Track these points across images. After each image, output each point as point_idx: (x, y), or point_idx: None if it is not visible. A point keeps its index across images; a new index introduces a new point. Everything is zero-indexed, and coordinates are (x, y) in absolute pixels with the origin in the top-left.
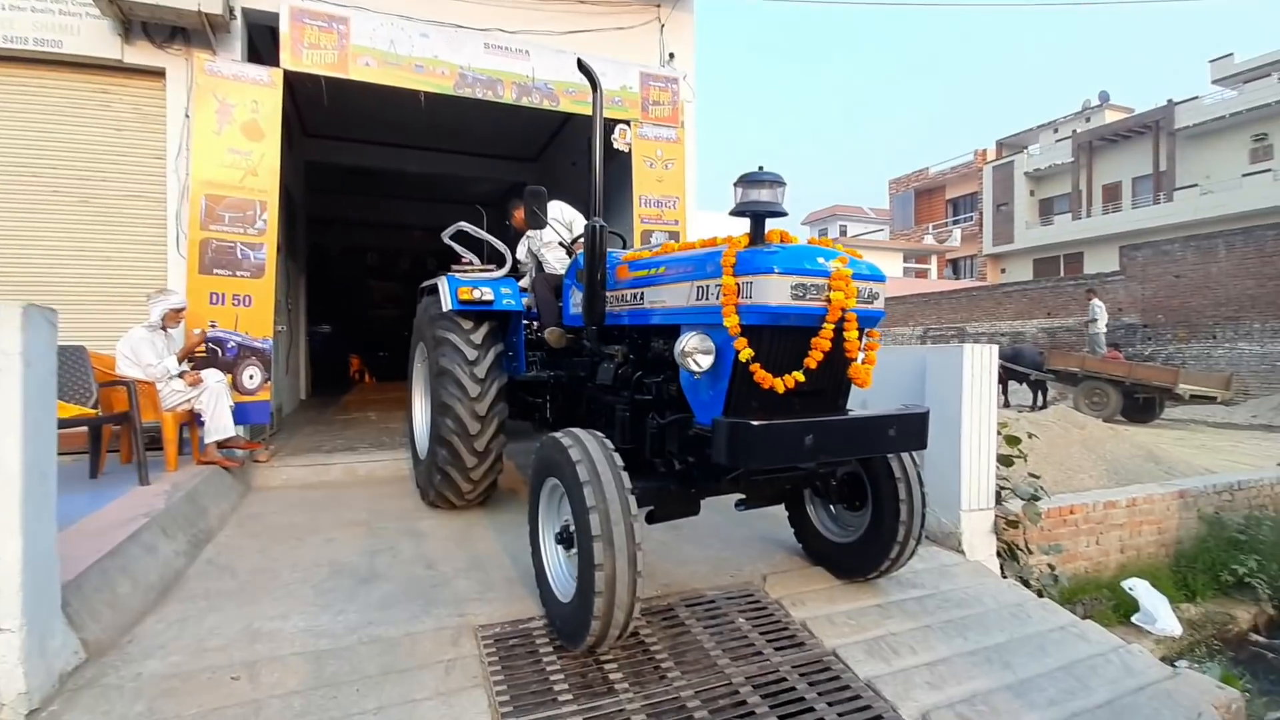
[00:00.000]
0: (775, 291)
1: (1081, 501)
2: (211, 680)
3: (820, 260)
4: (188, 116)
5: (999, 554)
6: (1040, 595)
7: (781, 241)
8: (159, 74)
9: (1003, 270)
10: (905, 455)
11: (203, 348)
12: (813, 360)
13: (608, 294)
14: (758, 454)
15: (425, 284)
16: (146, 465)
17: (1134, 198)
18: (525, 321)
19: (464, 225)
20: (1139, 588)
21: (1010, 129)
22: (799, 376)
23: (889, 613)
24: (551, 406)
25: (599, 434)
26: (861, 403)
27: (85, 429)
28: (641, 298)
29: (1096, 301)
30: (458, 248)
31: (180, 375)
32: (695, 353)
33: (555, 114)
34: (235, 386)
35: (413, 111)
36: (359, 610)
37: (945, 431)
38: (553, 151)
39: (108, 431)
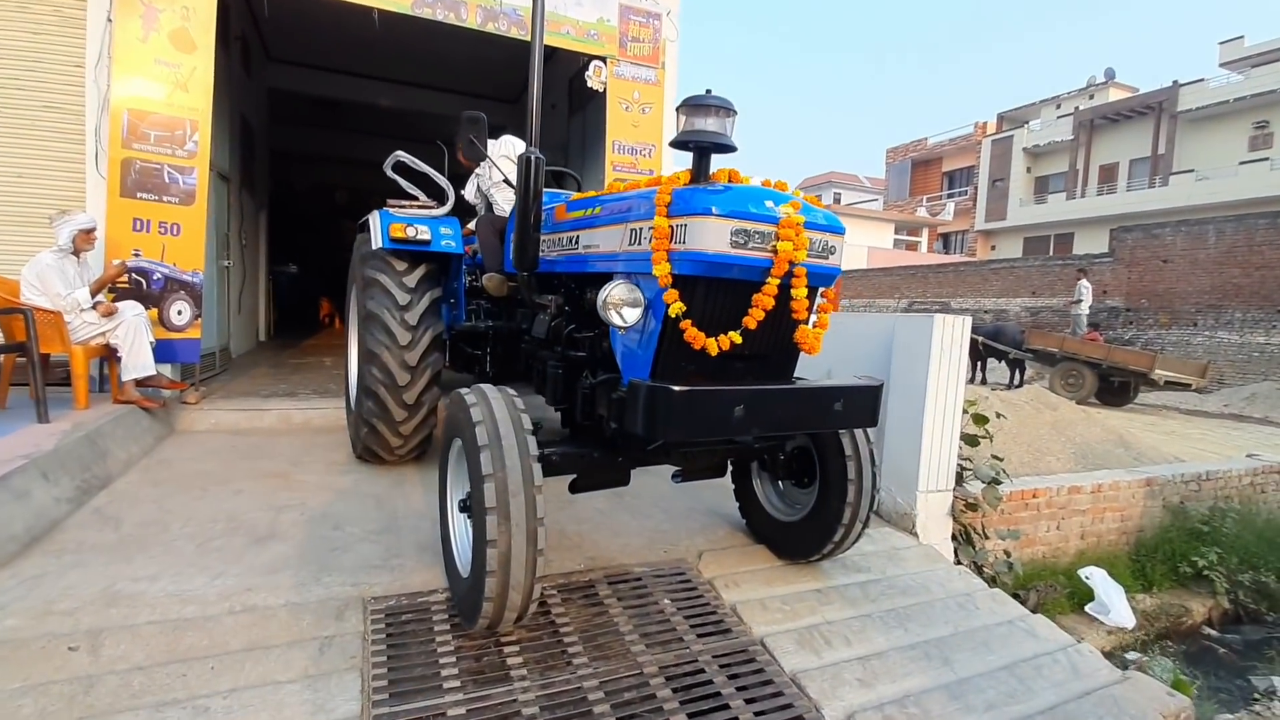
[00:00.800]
0: (713, 237)
1: (1045, 485)
2: (45, 650)
3: (768, 204)
4: (110, 21)
5: (954, 537)
6: (992, 584)
7: (730, 182)
8: None
9: (993, 247)
10: (858, 432)
11: (125, 279)
12: (753, 320)
13: (545, 237)
14: (677, 424)
15: (363, 220)
16: (45, 401)
17: (1129, 180)
18: (468, 267)
19: (402, 155)
20: (1095, 577)
21: (1015, 102)
22: (735, 338)
23: (828, 599)
24: (491, 359)
25: (509, 391)
26: (826, 373)
27: None
28: (577, 242)
29: (1084, 282)
30: (402, 182)
31: (94, 307)
32: (620, 304)
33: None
34: (161, 321)
35: (379, 37)
36: (241, 574)
37: (908, 407)
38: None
39: (9, 362)
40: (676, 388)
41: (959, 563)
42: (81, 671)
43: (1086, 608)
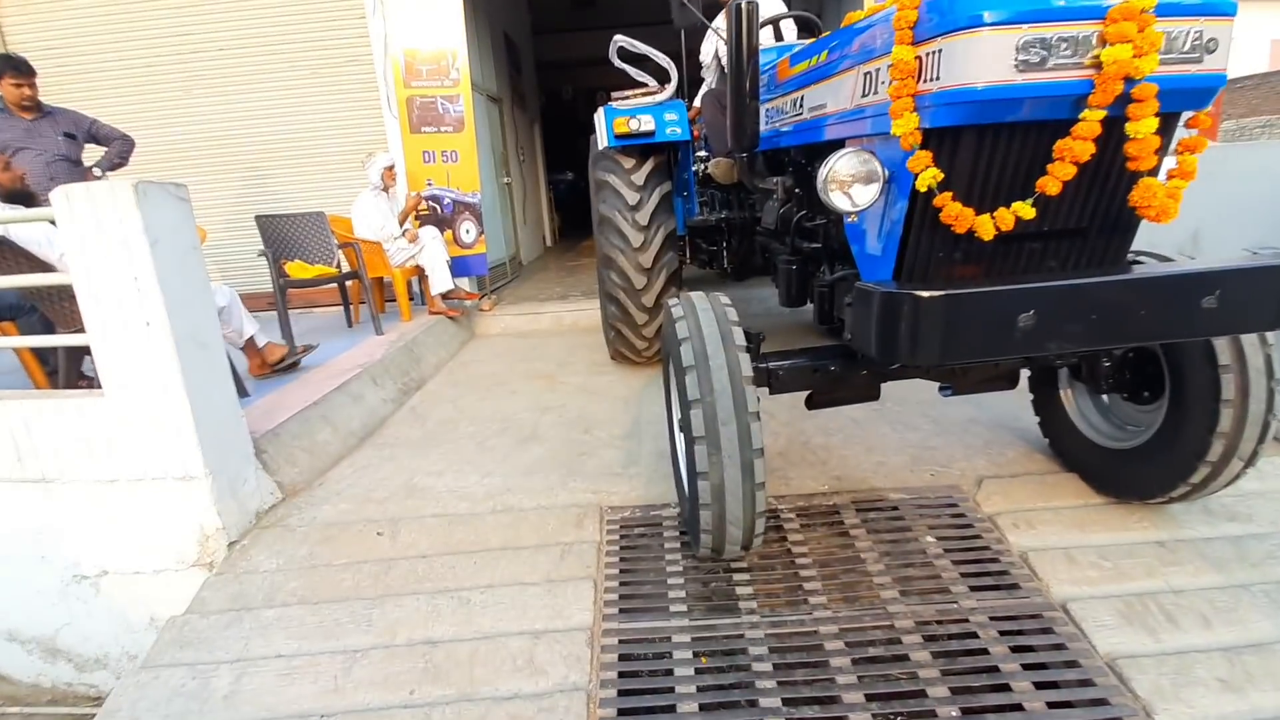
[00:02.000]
0: (985, 60)
1: None
2: (362, 533)
3: None
4: None
5: None
6: None
7: None
8: None
9: None
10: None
11: (424, 206)
12: (1054, 180)
13: (767, 105)
14: (927, 345)
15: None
16: (379, 318)
17: None
18: (701, 154)
19: (622, 39)
20: None
21: None
22: (1025, 210)
23: (1176, 556)
24: (728, 254)
25: (721, 298)
26: (1191, 238)
27: (335, 285)
28: (802, 104)
29: None
30: (630, 69)
31: (403, 234)
32: (847, 181)
33: None
34: (455, 241)
35: None
36: (505, 474)
37: None
38: None
39: (355, 286)
40: (924, 292)
41: None
42: (385, 555)
43: None
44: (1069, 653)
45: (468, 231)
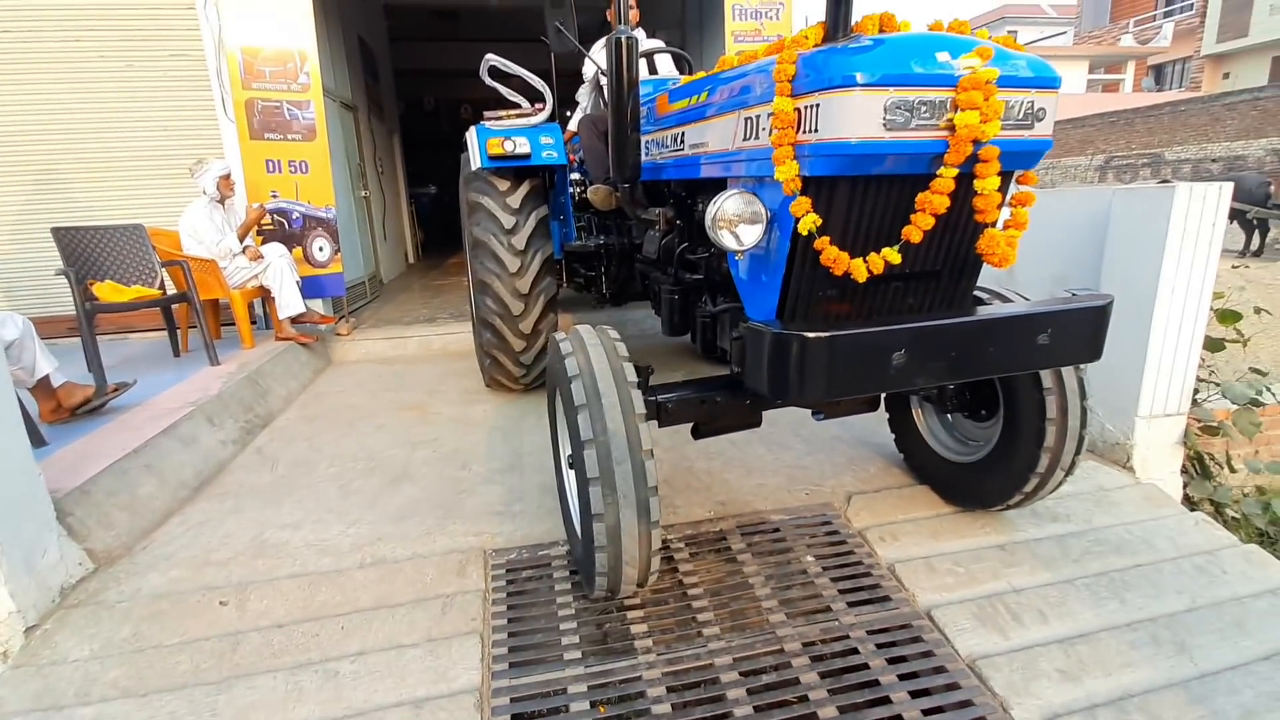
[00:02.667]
0: (857, 118)
1: None
2: (201, 604)
3: (940, 57)
4: None
5: (1185, 468)
6: (1242, 537)
7: (881, 32)
8: None
9: (1225, 76)
10: None
11: (268, 220)
12: (917, 229)
13: (647, 137)
14: (814, 383)
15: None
16: (213, 345)
17: None
18: (576, 177)
19: (494, 59)
20: None
21: None
22: (893, 256)
23: (1014, 558)
24: (606, 280)
25: (609, 333)
26: (1007, 273)
27: (157, 309)
28: (682, 140)
29: None
30: (501, 89)
31: (243, 251)
32: (733, 222)
33: None
34: (305, 259)
35: None
36: (374, 521)
37: (1128, 310)
38: None
39: (183, 310)
40: (811, 334)
41: (1191, 504)
42: (230, 628)
43: None
44: (936, 658)
45: (321, 249)
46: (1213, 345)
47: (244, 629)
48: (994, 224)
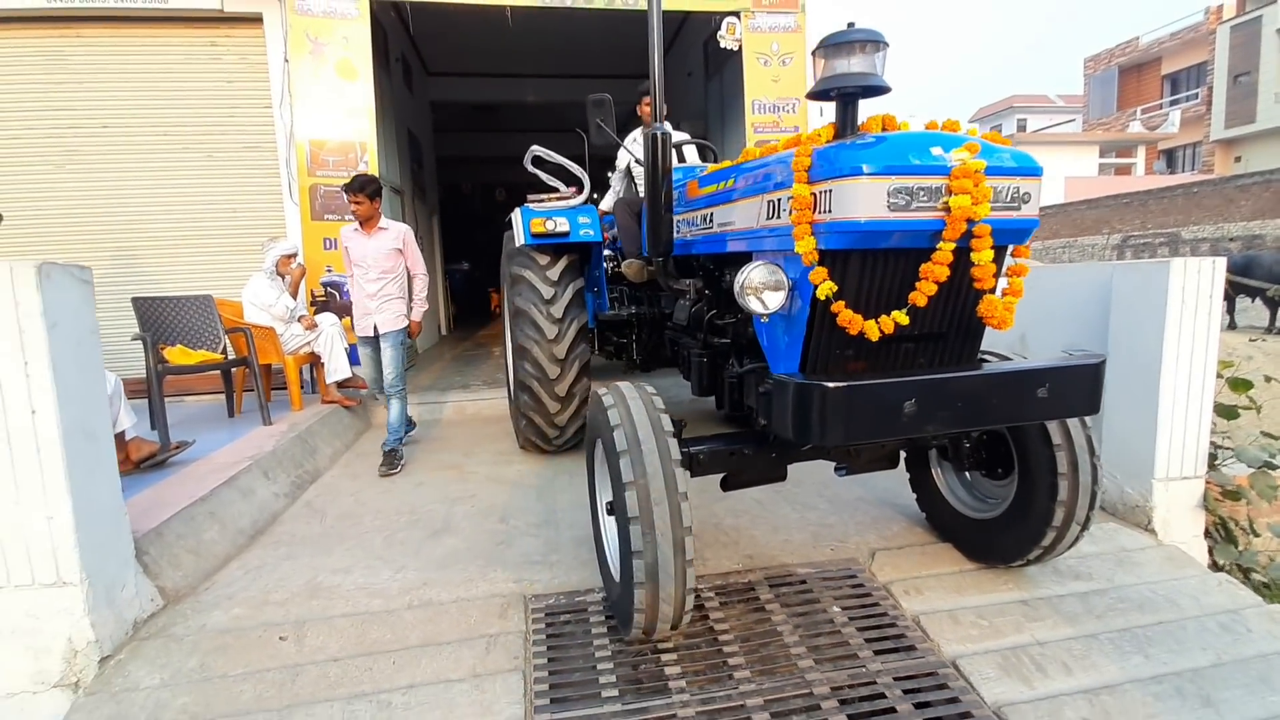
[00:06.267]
0: (864, 201)
1: None
2: (262, 639)
3: (934, 151)
4: (286, 61)
5: (1208, 533)
6: (1267, 598)
7: (884, 130)
8: (258, 20)
9: (1237, 159)
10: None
11: (322, 291)
12: (922, 295)
13: (679, 217)
14: (834, 427)
15: (509, 217)
16: (268, 407)
17: None
18: (609, 254)
19: (537, 149)
20: None
21: None
22: (901, 318)
23: (1036, 613)
24: (637, 347)
25: (647, 389)
26: (1019, 339)
27: (216, 372)
28: (711, 220)
29: None
30: (542, 175)
31: (299, 319)
32: (760, 289)
33: (667, 24)
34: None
35: (518, 37)
36: (419, 568)
37: (1136, 376)
38: (668, 64)
39: (240, 374)
40: (830, 384)
41: (1216, 567)
42: (289, 661)
43: None
44: (962, 705)
45: None
46: (1226, 412)
47: (302, 662)
48: (992, 290)
